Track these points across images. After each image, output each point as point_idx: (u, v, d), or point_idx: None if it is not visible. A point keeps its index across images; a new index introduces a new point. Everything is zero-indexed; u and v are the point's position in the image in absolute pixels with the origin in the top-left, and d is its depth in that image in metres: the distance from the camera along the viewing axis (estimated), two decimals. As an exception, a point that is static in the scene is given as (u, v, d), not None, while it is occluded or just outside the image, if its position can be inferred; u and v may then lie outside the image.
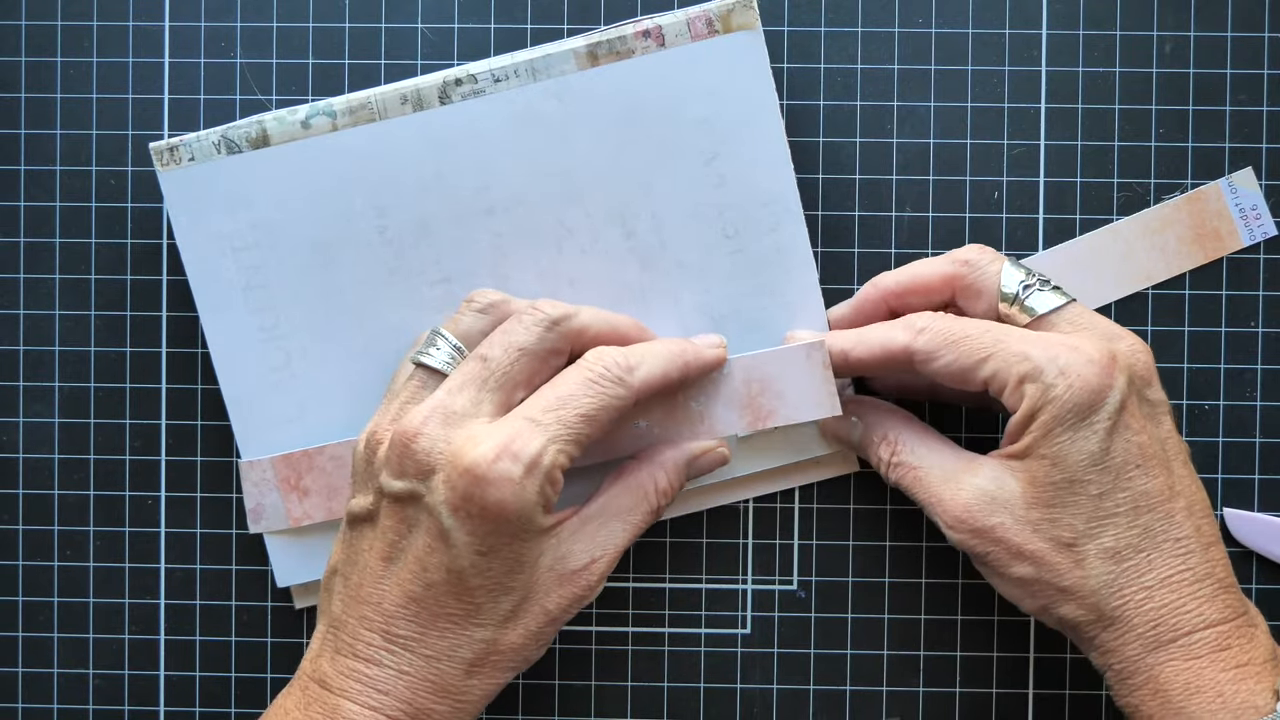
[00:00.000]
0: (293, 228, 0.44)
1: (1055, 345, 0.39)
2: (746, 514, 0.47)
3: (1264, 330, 0.46)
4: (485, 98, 0.44)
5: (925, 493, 0.41)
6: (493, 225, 0.44)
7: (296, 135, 0.44)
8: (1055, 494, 0.38)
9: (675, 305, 0.44)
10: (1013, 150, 0.46)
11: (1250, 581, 0.46)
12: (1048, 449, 0.38)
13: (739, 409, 0.44)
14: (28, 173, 0.47)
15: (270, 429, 0.45)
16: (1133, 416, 0.38)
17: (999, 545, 0.39)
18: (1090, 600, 0.38)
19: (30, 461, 0.47)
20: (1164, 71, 0.46)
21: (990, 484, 0.39)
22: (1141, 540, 0.38)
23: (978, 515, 0.39)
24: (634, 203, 0.44)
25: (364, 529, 0.40)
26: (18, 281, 0.47)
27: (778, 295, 0.44)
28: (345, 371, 0.44)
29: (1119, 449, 0.38)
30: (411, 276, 0.44)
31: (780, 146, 0.44)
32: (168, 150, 0.44)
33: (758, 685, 0.47)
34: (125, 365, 0.47)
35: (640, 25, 0.43)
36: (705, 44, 0.43)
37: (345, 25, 0.47)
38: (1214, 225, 0.46)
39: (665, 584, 0.47)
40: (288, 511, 0.44)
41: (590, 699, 0.47)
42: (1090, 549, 0.38)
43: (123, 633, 0.47)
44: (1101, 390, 0.38)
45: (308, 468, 0.44)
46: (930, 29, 0.46)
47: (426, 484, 0.38)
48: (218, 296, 0.44)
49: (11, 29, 0.47)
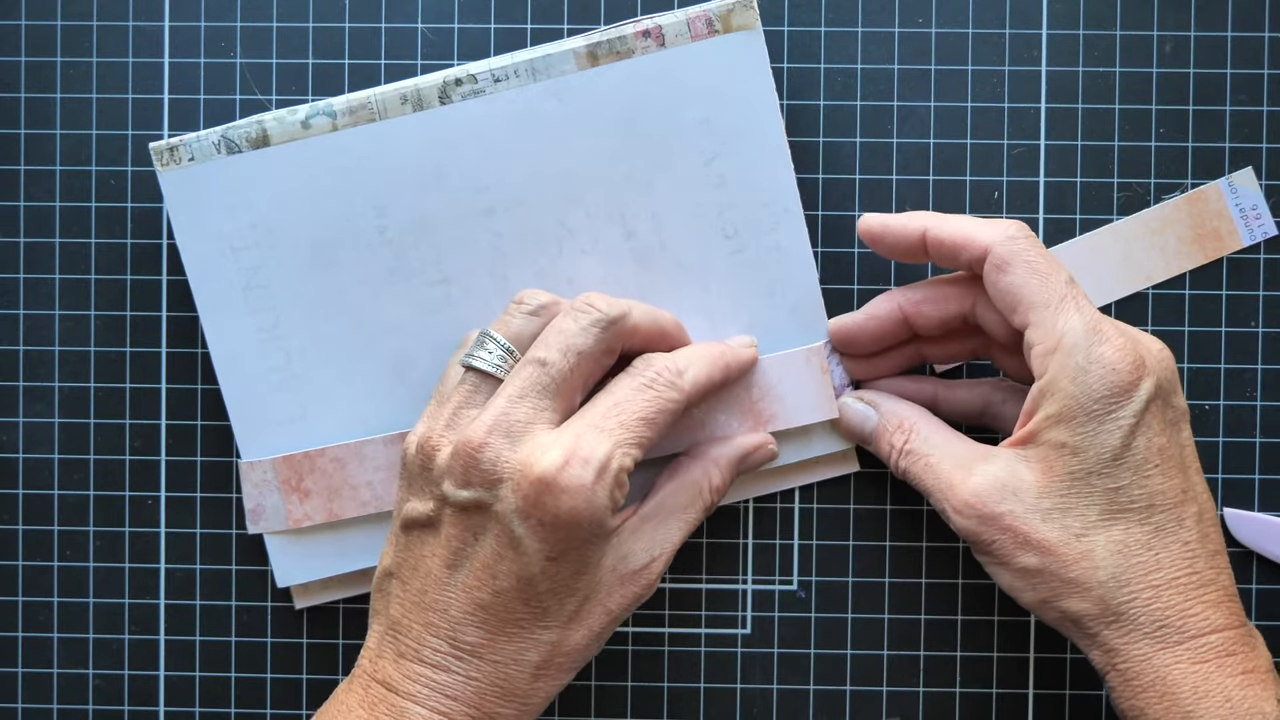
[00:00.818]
0: (293, 228, 0.44)
1: (1103, 331, 0.39)
2: (746, 514, 0.47)
3: (1264, 330, 0.46)
4: (485, 98, 0.44)
5: (935, 479, 0.41)
6: (493, 225, 0.44)
7: (296, 135, 0.44)
8: (1071, 484, 0.38)
9: (675, 306, 0.44)
10: (1013, 150, 0.46)
11: (1250, 581, 0.46)
12: (1069, 437, 0.38)
13: (740, 414, 0.44)
14: (28, 173, 0.47)
15: (270, 429, 0.45)
16: (1156, 418, 0.38)
17: (1007, 533, 0.39)
18: (1097, 593, 0.38)
19: (30, 461, 0.47)
20: (1164, 71, 0.46)
21: (1003, 471, 0.39)
22: (1152, 539, 0.38)
23: (988, 501, 0.39)
24: (634, 203, 0.44)
25: (424, 535, 0.40)
26: (18, 281, 0.47)
27: (777, 295, 0.44)
28: (345, 372, 0.44)
29: (1140, 446, 0.38)
30: (411, 276, 0.44)
31: (780, 146, 0.44)
32: (168, 150, 0.44)
33: (758, 685, 0.47)
34: (125, 365, 0.47)
35: (640, 25, 0.43)
36: (705, 44, 0.43)
37: (345, 25, 0.47)
38: (1214, 225, 0.46)
39: (665, 584, 0.47)
40: (288, 513, 0.44)
41: (590, 699, 0.47)
42: (1100, 540, 0.38)
43: (123, 633, 0.47)
44: (1131, 386, 0.38)
45: (309, 469, 0.44)
46: (930, 29, 0.46)
47: (494, 493, 0.38)
48: (218, 297, 0.44)
49: (11, 29, 0.47)
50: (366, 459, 0.44)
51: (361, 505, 0.44)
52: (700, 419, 0.44)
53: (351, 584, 0.46)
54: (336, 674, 0.47)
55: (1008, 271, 0.40)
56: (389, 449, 0.44)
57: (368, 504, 0.44)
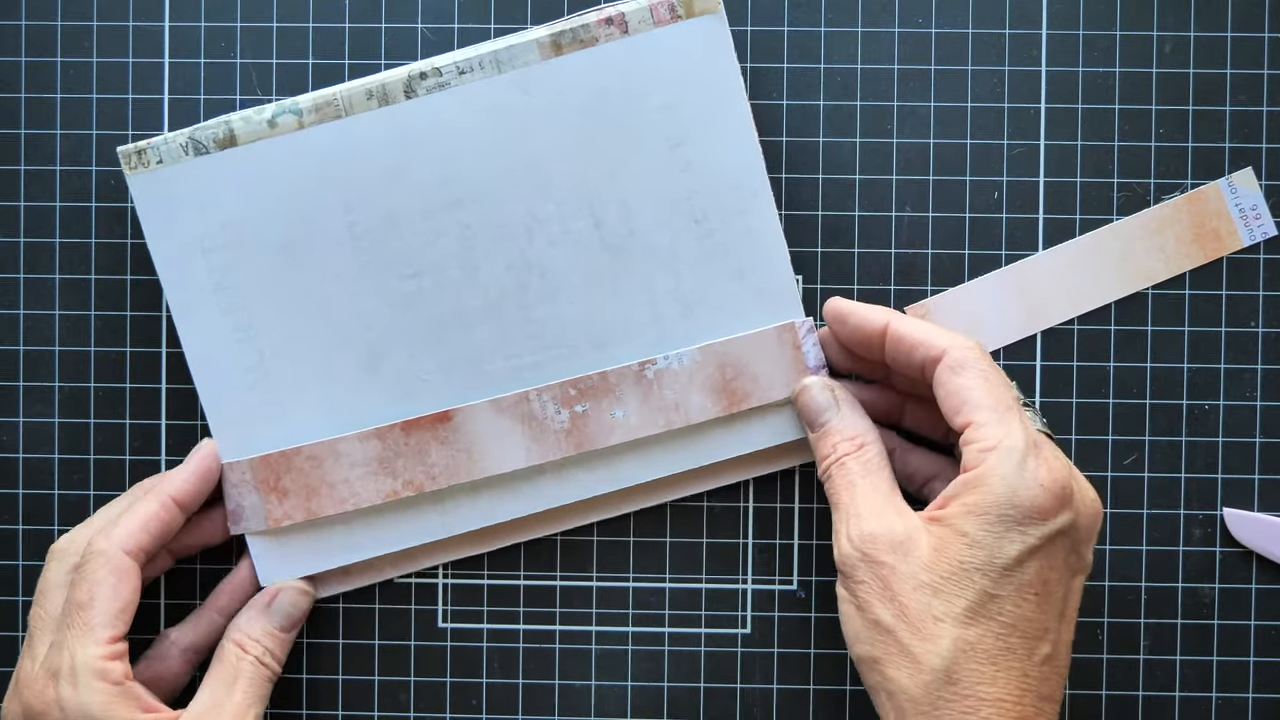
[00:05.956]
0: (262, 227, 0.44)
1: (1043, 452, 0.39)
2: (747, 514, 0.47)
3: (1264, 330, 0.46)
4: (450, 90, 0.43)
5: (849, 501, 0.41)
6: (461, 217, 0.44)
7: (263, 134, 0.44)
8: (956, 571, 0.38)
9: (647, 292, 0.44)
10: (1013, 150, 0.46)
11: (1250, 582, 0.46)
12: (974, 529, 0.38)
13: (714, 395, 0.44)
14: (28, 173, 0.47)
15: (247, 429, 0.45)
16: (1058, 554, 0.39)
17: (878, 582, 0.39)
18: (925, 677, 0.38)
19: (30, 461, 0.47)
20: (1164, 71, 0.46)
21: (903, 530, 0.39)
22: (999, 655, 0.38)
23: (880, 546, 0.39)
24: (602, 191, 0.44)
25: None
26: (18, 281, 0.47)
27: (749, 278, 0.44)
28: (319, 369, 0.44)
29: (1032, 569, 0.38)
30: (382, 271, 0.44)
31: (747, 129, 0.44)
32: (135, 154, 0.44)
33: (758, 685, 0.47)
34: (125, 365, 0.47)
35: (603, 13, 0.43)
36: (668, 29, 0.43)
37: (345, 25, 0.47)
38: (1214, 225, 0.46)
39: (665, 584, 0.47)
40: (268, 513, 0.44)
41: (590, 699, 0.47)
42: (953, 632, 0.38)
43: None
44: (1049, 512, 0.38)
45: (286, 468, 0.44)
46: (930, 29, 0.46)
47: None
48: (190, 299, 0.44)
49: (11, 29, 0.47)
50: (342, 456, 0.44)
51: (339, 503, 0.44)
52: (674, 401, 0.44)
53: (334, 582, 0.46)
54: (336, 674, 0.47)
55: (961, 374, 0.40)
56: (364, 445, 0.44)
57: (345, 501, 0.44)
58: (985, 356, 0.41)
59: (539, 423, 0.44)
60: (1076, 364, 0.46)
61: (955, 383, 0.40)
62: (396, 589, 0.47)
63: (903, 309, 0.46)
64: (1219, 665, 0.46)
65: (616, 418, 0.44)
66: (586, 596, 0.47)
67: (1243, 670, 0.46)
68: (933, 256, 0.46)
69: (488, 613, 0.47)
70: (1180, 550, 0.46)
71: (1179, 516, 0.46)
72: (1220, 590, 0.46)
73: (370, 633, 0.47)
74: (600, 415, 0.44)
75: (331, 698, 0.47)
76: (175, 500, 0.43)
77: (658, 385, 0.44)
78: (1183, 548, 0.46)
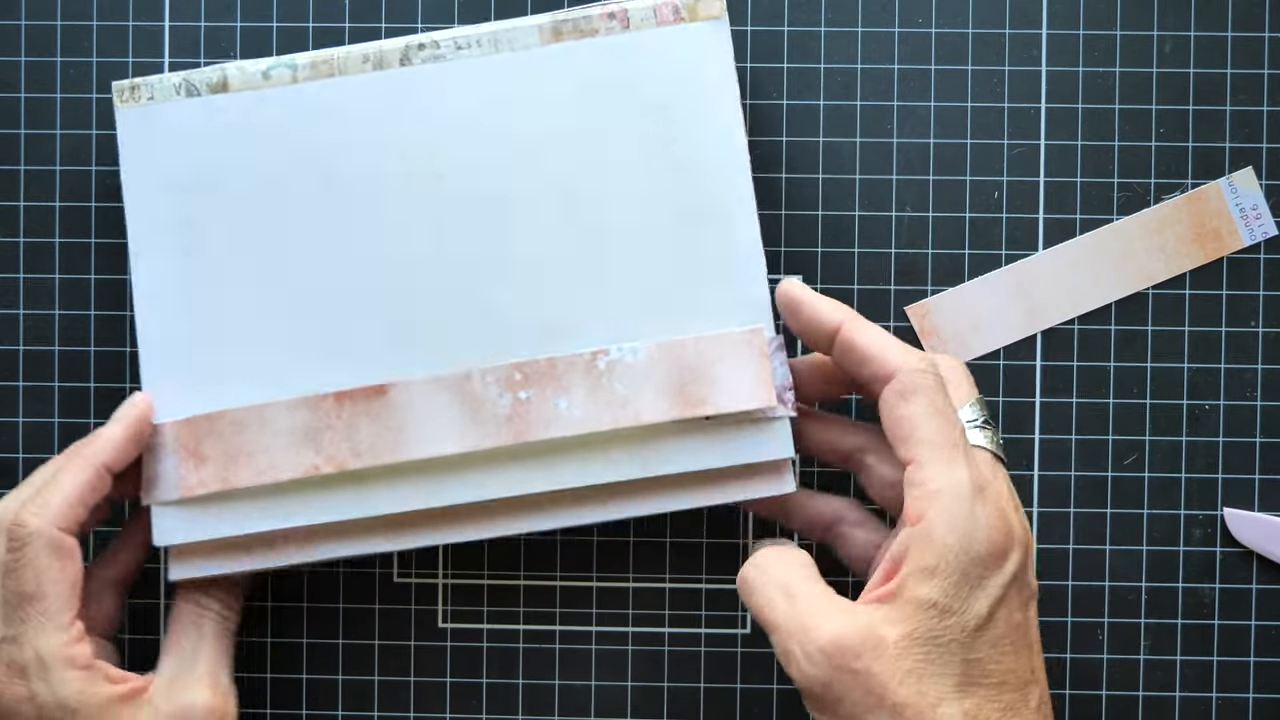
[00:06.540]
0: (240, 173, 0.43)
1: (987, 492, 0.37)
2: (747, 514, 0.47)
3: (1264, 330, 0.46)
4: (445, 63, 0.43)
5: (788, 615, 0.37)
6: (440, 189, 0.43)
7: (256, 85, 0.43)
8: (933, 648, 0.36)
9: (619, 286, 0.43)
10: (1013, 150, 0.46)
11: (1250, 582, 0.46)
12: (940, 595, 0.36)
13: (669, 395, 0.42)
14: (28, 173, 0.47)
15: (181, 388, 0.43)
16: (1015, 593, 0.37)
17: (860, 690, 0.35)
18: None
19: (30, 461, 0.47)
20: (1164, 71, 0.46)
21: (865, 624, 0.36)
22: (1000, 715, 0.36)
23: (847, 652, 0.35)
24: (583, 180, 0.43)
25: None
26: (18, 281, 0.47)
27: (722, 284, 0.43)
28: (271, 331, 0.43)
29: (1001, 620, 0.36)
30: (349, 234, 0.43)
31: (738, 137, 0.43)
32: (129, 88, 0.43)
33: (758, 685, 0.47)
34: (125, 365, 0.47)
35: (607, 8, 0.43)
36: (669, 30, 0.43)
37: (345, 25, 0.47)
38: (1214, 225, 0.46)
39: (665, 584, 0.47)
40: (181, 479, 0.42)
41: (590, 699, 0.47)
42: (955, 712, 0.35)
43: (123, 633, 0.47)
44: (1002, 555, 0.37)
45: (208, 431, 0.42)
46: (930, 29, 0.46)
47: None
48: (152, 236, 0.43)
49: (11, 29, 0.47)
50: (268, 423, 0.42)
51: (257, 474, 0.42)
52: (624, 397, 0.42)
53: (239, 553, 0.43)
54: (336, 674, 0.47)
55: (909, 402, 0.38)
56: (292, 414, 0.42)
57: (263, 473, 0.42)
58: (938, 383, 0.38)
59: (479, 404, 0.42)
60: (1076, 364, 0.46)
61: (902, 410, 0.38)
62: (396, 589, 0.47)
63: (903, 309, 0.46)
64: (1219, 665, 0.46)
65: (560, 409, 0.42)
66: (586, 596, 0.47)
67: (1243, 670, 0.46)
68: (933, 256, 0.46)
69: (488, 613, 0.47)
70: (1180, 550, 0.46)
71: (1179, 516, 0.46)
72: (1220, 590, 0.46)
73: (370, 633, 0.47)
74: (544, 404, 0.42)
75: (331, 698, 0.47)
76: (107, 467, 0.41)
77: (608, 378, 0.42)
78: (1183, 548, 0.46)
